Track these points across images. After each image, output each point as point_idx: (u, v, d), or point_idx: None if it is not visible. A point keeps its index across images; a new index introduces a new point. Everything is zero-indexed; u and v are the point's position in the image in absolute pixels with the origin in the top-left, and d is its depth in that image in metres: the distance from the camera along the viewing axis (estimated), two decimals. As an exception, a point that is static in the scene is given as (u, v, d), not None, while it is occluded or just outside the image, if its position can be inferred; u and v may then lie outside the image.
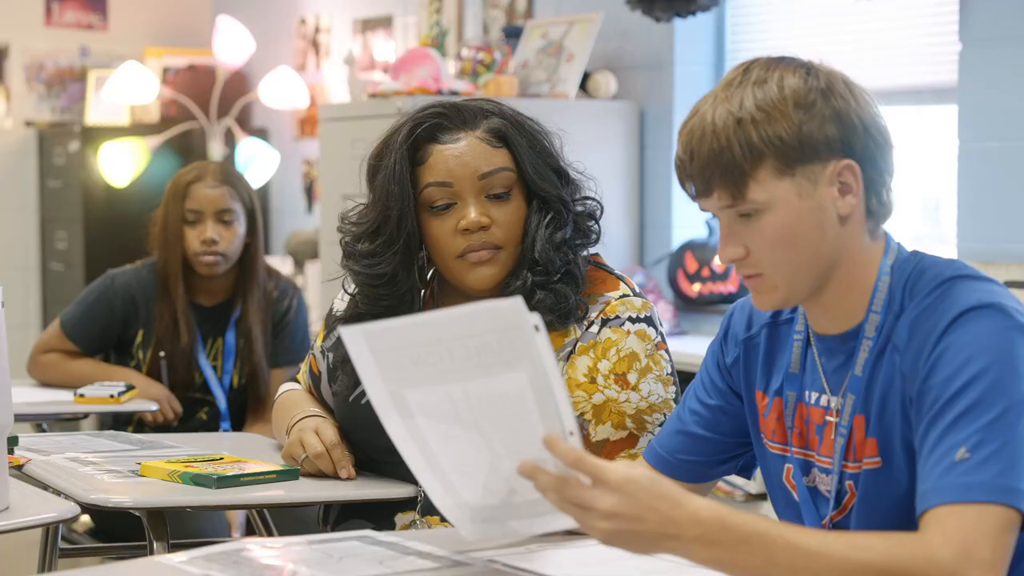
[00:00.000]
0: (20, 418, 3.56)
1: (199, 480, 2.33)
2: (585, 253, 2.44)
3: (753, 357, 2.04)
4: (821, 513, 1.93)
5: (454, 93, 4.52)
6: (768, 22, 4.62)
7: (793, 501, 1.97)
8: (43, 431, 3.72)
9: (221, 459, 2.49)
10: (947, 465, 1.67)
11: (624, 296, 2.38)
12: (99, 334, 3.79)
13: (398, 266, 2.39)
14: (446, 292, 2.48)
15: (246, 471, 2.38)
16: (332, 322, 2.56)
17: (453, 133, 2.38)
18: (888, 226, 1.87)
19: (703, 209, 1.89)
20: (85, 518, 3.82)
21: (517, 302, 1.61)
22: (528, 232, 2.39)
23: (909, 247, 1.94)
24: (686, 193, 1.87)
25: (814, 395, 1.93)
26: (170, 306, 3.74)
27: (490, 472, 1.76)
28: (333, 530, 2.45)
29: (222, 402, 3.78)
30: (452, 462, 1.79)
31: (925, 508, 1.67)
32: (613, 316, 2.36)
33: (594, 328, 2.36)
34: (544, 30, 4.85)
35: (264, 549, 1.85)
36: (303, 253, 6.04)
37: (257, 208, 3.82)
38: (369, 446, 2.41)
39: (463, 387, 1.69)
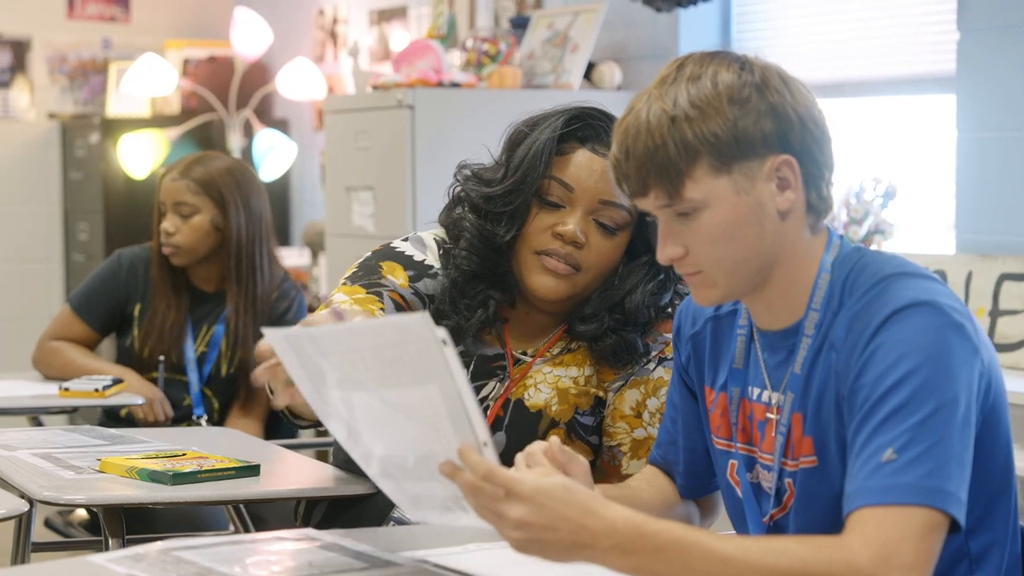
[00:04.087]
0: (10, 412, 3.59)
1: (155, 476, 2.34)
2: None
3: (701, 353, 2.03)
4: (763, 510, 1.92)
5: (455, 85, 4.51)
6: (773, 11, 4.58)
7: (736, 497, 1.96)
8: (40, 424, 3.75)
9: (183, 455, 2.49)
10: (874, 466, 1.65)
11: None
12: (106, 308, 3.86)
13: (511, 238, 2.36)
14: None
15: (204, 467, 2.38)
16: (426, 270, 2.44)
17: (602, 147, 2.35)
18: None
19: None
20: (81, 512, 3.85)
21: (424, 317, 1.58)
22: (626, 280, 2.37)
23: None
24: (623, 192, 1.85)
25: (756, 391, 1.92)
26: (164, 285, 3.83)
27: (416, 464, 1.75)
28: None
29: (195, 385, 3.80)
30: (384, 452, 1.78)
31: (850, 510, 1.65)
32: (669, 357, 2.38)
33: (650, 365, 2.39)
34: (550, 20, 4.83)
35: (193, 549, 1.84)
36: (319, 244, 6.04)
37: (238, 202, 3.80)
38: None
39: (379, 394, 1.69)
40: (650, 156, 1.77)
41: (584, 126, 2.37)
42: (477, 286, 2.38)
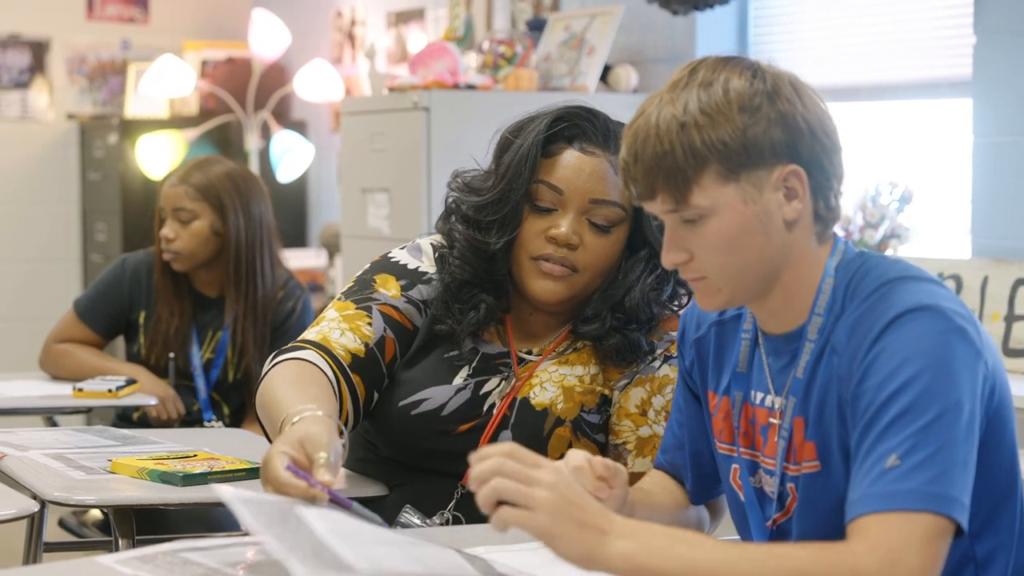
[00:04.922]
0: (25, 412, 3.60)
1: (165, 477, 2.34)
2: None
3: (704, 357, 2.03)
4: (766, 514, 1.91)
5: (471, 87, 4.51)
6: (789, 15, 4.57)
7: (739, 502, 1.96)
8: (54, 424, 3.76)
9: (194, 456, 2.49)
10: (877, 472, 1.65)
11: None
12: (110, 314, 3.87)
13: (504, 245, 2.36)
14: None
15: (215, 469, 2.38)
16: (419, 278, 2.44)
17: (589, 145, 2.35)
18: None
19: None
20: (95, 512, 3.86)
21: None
22: (625, 277, 2.36)
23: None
24: (630, 195, 1.85)
25: (759, 395, 1.91)
26: (166, 291, 3.83)
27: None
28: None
29: (202, 391, 3.81)
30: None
31: (853, 516, 1.64)
32: (675, 355, 2.37)
33: (656, 363, 2.38)
34: (567, 23, 4.83)
35: (200, 550, 1.85)
36: (336, 246, 6.05)
37: (237, 207, 3.81)
38: (414, 451, 2.38)
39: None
40: (658, 161, 1.77)
41: (570, 126, 2.36)
42: (470, 291, 2.39)
